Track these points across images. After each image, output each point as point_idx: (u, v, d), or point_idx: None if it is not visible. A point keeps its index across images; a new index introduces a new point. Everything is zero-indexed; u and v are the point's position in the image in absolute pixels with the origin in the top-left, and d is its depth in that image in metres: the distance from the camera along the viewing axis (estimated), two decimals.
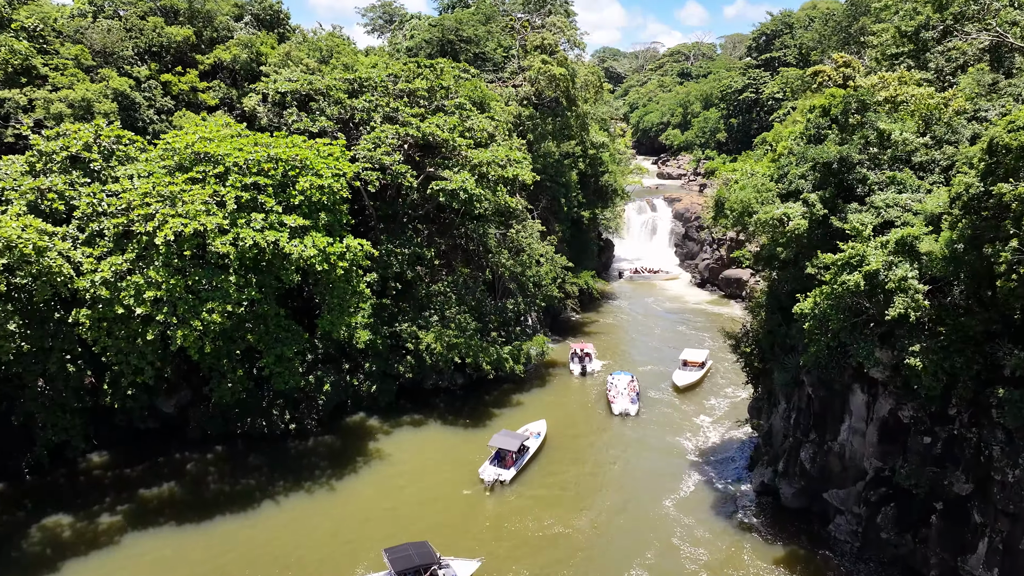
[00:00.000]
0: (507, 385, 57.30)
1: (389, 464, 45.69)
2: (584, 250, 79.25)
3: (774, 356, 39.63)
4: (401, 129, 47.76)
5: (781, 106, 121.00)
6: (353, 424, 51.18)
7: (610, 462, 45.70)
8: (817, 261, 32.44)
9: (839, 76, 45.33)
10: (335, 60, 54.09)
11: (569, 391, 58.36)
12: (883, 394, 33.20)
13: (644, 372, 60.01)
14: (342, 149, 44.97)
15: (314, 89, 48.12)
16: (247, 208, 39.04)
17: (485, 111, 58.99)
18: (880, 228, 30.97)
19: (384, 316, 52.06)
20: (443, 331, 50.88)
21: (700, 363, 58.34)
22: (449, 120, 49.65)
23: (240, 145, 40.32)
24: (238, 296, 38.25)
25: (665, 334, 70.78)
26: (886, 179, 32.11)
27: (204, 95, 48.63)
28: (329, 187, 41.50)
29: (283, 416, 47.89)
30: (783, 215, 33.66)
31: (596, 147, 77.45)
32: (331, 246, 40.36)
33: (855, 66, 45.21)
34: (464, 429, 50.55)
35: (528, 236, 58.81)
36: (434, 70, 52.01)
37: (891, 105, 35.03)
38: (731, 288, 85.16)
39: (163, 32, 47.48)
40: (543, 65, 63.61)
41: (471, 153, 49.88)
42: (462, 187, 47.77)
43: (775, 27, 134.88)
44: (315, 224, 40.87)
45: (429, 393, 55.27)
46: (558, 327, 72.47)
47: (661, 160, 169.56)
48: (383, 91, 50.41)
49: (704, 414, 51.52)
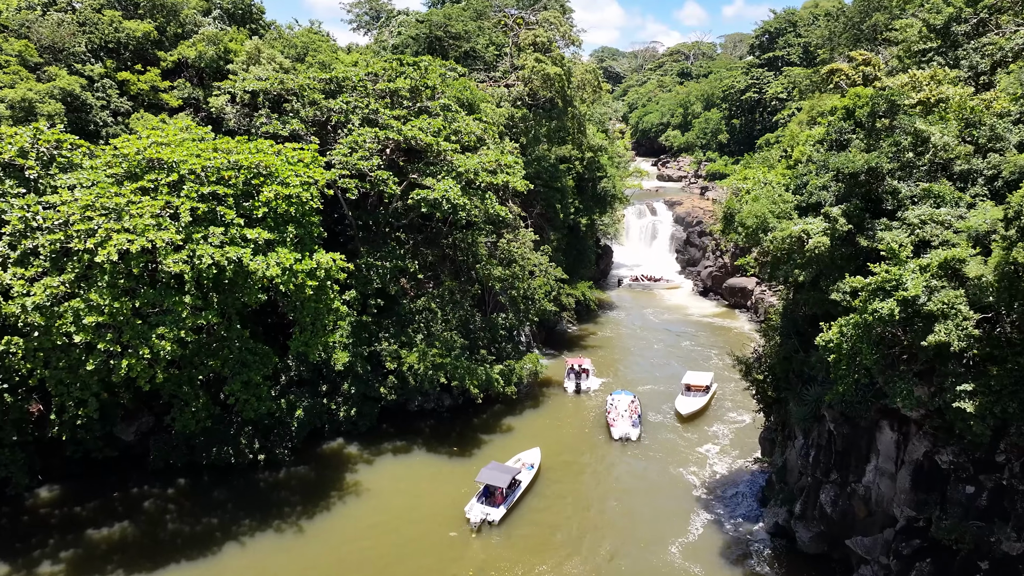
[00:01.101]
0: (498, 406, 53.43)
1: (367, 499, 41.77)
2: (581, 258, 75.41)
3: (790, 385, 35.76)
4: (381, 132, 43.85)
5: (785, 106, 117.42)
6: (330, 452, 47.25)
7: (609, 498, 41.77)
8: (842, 285, 28.59)
9: (858, 75, 41.44)
10: (311, 58, 50.17)
11: (565, 412, 54.45)
12: (916, 434, 29.33)
13: (645, 392, 56.12)
14: (314, 154, 41.01)
15: (285, 89, 44.19)
16: (205, 221, 35.07)
17: (474, 112, 55.13)
18: (916, 248, 27.09)
19: (364, 335, 48.13)
20: (427, 350, 46.97)
21: (704, 387, 54.15)
22: (433, 123, 45.73)
23: (197, 150, 36.37)
24: (194, 320, 34.29)
25: (667, 350, 66.80)
26: (921, 192, 28.20)
27: (166, 95, 44.65)
28: (297, 197, 37.56)
29: (252, 445, 43.96)
30: (802, 232, 29.74)
31: (594, 150, 73.58)
32: (299, 263, 36.40)
33: (875, 64, 41.36)
34: (450, 458, 46.62)
35: (520, 246, 54.92)
36: (418, 68, 48.09)
37: (924, 107, 31.13)
38: (736, 298, 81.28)
39: (120, 27, 43.48)
40: (537, 64, 59.74)
41: (457, 159, 45.98)
42: (445, 196, 43.83)
43: (779, 25, 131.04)
44: (282, 238, 36.93)
45: (414, 416, 51.38)
46: (554, 340, 68.59)
47: (661, 162, 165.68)
48: (362, 91, 46.49)
49: (709, 443, 47.56)
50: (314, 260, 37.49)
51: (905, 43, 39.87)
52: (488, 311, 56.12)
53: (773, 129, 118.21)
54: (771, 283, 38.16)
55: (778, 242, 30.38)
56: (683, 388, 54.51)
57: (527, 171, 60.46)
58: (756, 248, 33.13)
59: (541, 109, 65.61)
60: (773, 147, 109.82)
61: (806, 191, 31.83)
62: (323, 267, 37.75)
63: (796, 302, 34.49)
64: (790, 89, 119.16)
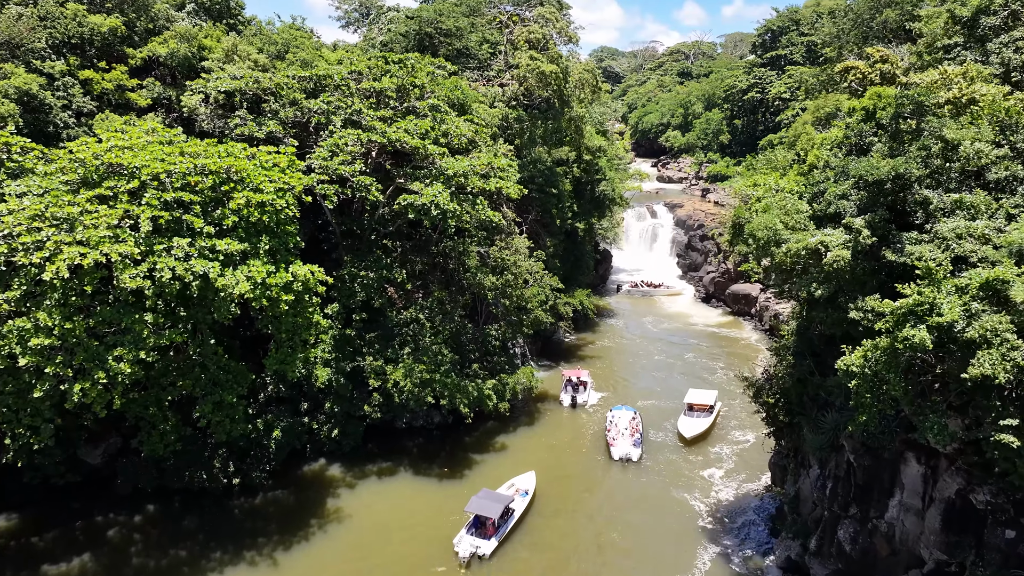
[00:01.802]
0: (491, 423, 50.63)
1: (349, 528, 38.97)
2: (579, 264, 72.54)
3: (804, 410, 32.96)
4: (364, 135, 41.02)
5: (789, 107, 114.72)
6: (311, 474, 44.44)
7: (610, 528, 38.89)
8: (864, 303, 25.81)
9: (874, 73, 38.64)
10: (292, 55, 47.32)
11: (562, 429, 51.65)
12: (948, 470, 26.55)
13: (645, 408, 53.32)
14: (291, 158, 38.19)
15: (262, 88, 41.35)
16: (169, 231, 32.27)
17: (466, 113, 52.32)
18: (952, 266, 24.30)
19: (348, 349, 45.29)
20: (414, 366, 44.12)
21: (708, 407, 50.86)
22: (421, 124, 42.91)
23: (161, 154, 33.55)
24: (156, 339, 31.48)
25: (669, 361, 63.83)
26: (953, 202, 25.39)
27: (134, 95, 41.77)
28: (272, 204, 34.77)
29: (227, 468, 41.14)
30: (820, 244, 26.93)
31: (592, 152, 70.77)
32: (273, 276, 33.59)
33: (893, 61, 38.57)
34: (440, 481, 43.81)
35: (514, 253, 52.10)
36: (405, 66, 45.25)
37: (954, 107, 28.34)
38: (739, 305, 78.44)
39: (85, 21, 40.60)
40: (531, 62, 56.93)
41: (446, 162, 43.17)
42: (433, 202, 41.01)
43: (781, 23, 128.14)
44: (254, 249, 34.11)
45: (401, 434, 48.56)
46: (550, 351, 65.79)
47: (661, 163, 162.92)
48: (345, 91, 43.67)
49: (713, 466, 44.65)
50: (289, 273, 34.70)
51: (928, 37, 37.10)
52: (480, 322, 53.33)
53: (776, 130, 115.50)
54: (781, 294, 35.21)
55: (792, 255, 27.55)
56: (685, 408, 51.32)
57: (522, 174, 57.63)
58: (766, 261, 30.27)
59: (537, 110, 62.84)
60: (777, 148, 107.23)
61: (823, 200, 29.02)
62: (300, 280, 34.98)
63: (810, 320, 31.66)
64: (794, 89, 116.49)
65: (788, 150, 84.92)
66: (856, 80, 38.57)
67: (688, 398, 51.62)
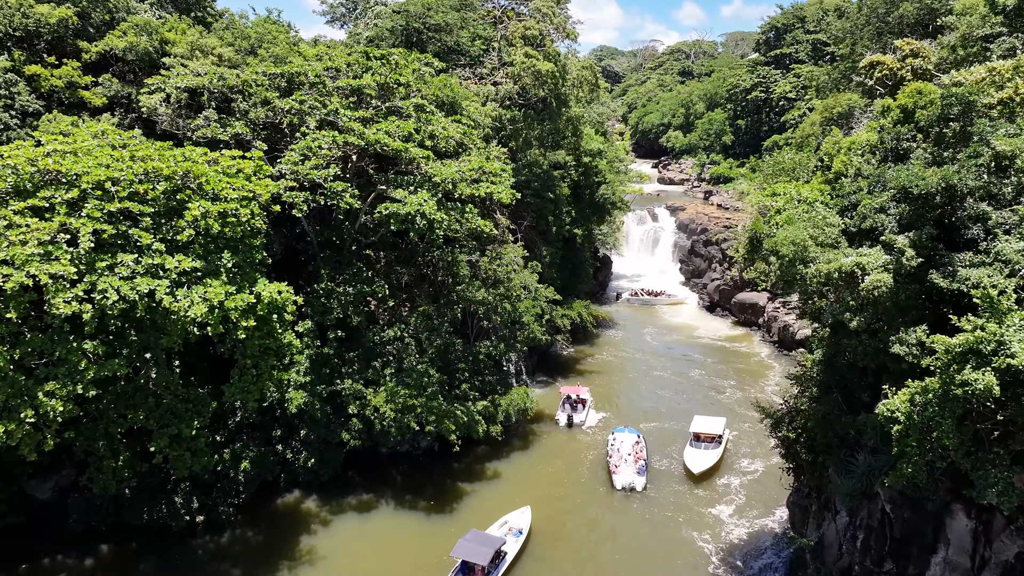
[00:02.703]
0: (482, 448, 46.95)
1: (322, 573, 35.26)
2: (577, 272, 68.86)
3: (830, 449, 29.22)
4: (339, 136, 37.30)
5: (795, 106, 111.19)
6: (284, 508, 40.73)
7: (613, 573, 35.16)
8: (909, 337, 22.14)
9: (905, 69, 34.94)
10: (264, 51, 43.60)
11: (559, 453, 47.93)
12: (1006, 530, 22.84)
13: (649, 430, 49.60)
14: (258, 163, 34.49)
15: (227, 86, 37.62)
16: (113, 247, 28.57)
17: (456, 113, 48.59)
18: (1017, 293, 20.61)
19: (325, 370, 41.54)
20: (397, 389, 40.37)
21: (716, 436, 46.39)
22: (404, 125, 39.18)
23: (108, 159, 29.83)
24: (97, 370, 27.78)
25: (673, 379, 59.87)
26: (1019, 218, 21.69)
27: (88, 93, 38.05)
28: (234, 215, 31.04)
29: (190, 504, 37.46)
30: (856, 266, 23.22)
31: (591, 155, 67.08)
32: (233, 297, 29.89)
33: (926, 55, 34.89)
34: (426, 516, 40.12)
35: (506, 265, 48.37)
36: (387, 63, 41.52)
37: (1006, 109, 24.66)
38: (746, 314, 74.71)
39: (30, 12, 36.86)
40: (526, 59, 53.24)
41: (432, 167, 39.47)
42: (419, 211, 37.30)
43: (786, 21, 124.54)
44: (213, 266, 30.39)
45: (385, 460, 44.85)
46: (547, 365, 62.08)
47: (662, 164, 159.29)
48: (321, 89, 39.95)
49: (722, 501, 40.79)
50: (252, 294, 30.98)
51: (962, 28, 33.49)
52: (471, 338, 49.64)
53: (781, 130, 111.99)
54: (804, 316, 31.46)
55: (823, 277, 23.84)
56: (691, 437, 46.74)
57: (516, 179, 53.92)
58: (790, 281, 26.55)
59: (532, 110, 59.14)
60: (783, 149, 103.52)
61: (857, 213, 25.29)
62: (265, 301, 31.25)
63: (838, 348, 27.92)
64: (800, 88, 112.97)
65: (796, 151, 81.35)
66: (883, 76, 34.87)
67: (694, 426, 46.98)
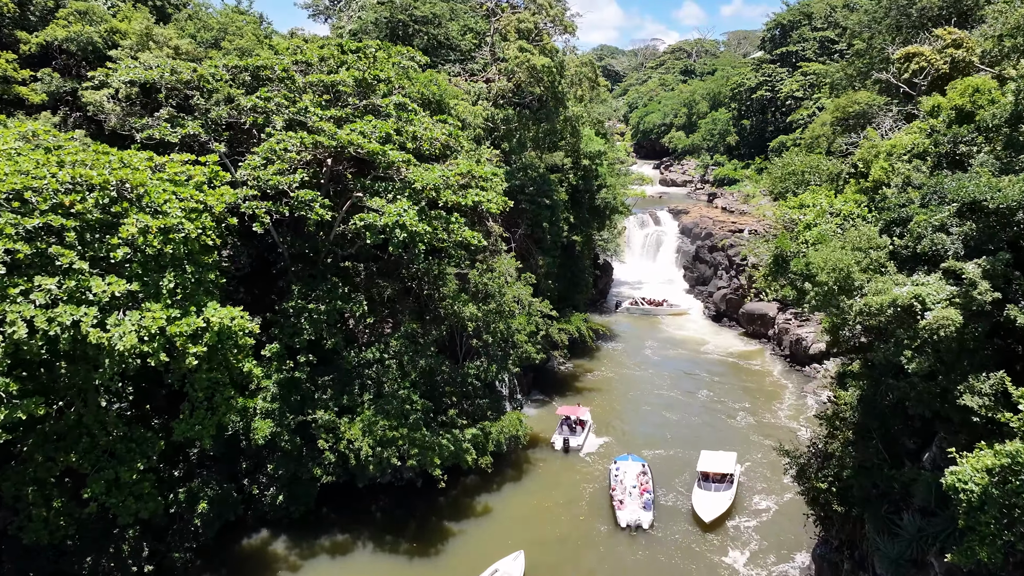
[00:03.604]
0: (471, 479, 42.92)
1: None
2: (576, 282, 64.75)
3: (868, 504, 25.08)
4: (308, 137, 33.17)
5: (803, 105, 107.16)
6: (251, 550, 36.68)
7: None
8: (982, 386, 18.03)
9: (943, 60, 30.82)
10: (228, 43, 39.50)
11: (556, 484, 43.82)
12: None
13: (653, 458, 45.50)
14: (214, 168, 30.35)
15: (181, 80, 33.50)
16: (31, 268, 24.44)
17: (444, 112, 44.51)
18: None
19: (295, 397, 37.41)
20: (375, 418, 36.30)
21: (727, 476, 41.12)
22: (381, 125, 35.04)
23: (30, 165, 25.68)
24: (10, 413, 23.64)
25: (680, 399, 55.49)
26: None
27: (25, 89, 33.95)
28: (179, 230, 26.90)
29: (139, 551, 33.32)
30: (913, 299, 19.08)
31: (591, 157, 62.96)
32: (175, 323, 25.78)
33: (969, 46, 30.79)
34: (408, 561, 36.07)
35: (497, 279, 44.26)
36: (364, 56, 37.39)
37: None
38: (754, 325, 70.57)
39: None
40: (521, 54, 49.10)
41: (413, 172, 35.37)
42: (398, 222, 33.18)
43: (792, 17, 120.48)
44: (153, 289, 26.26)
45: (363, 494, 40.57)
46: (543, 382, 57.96)
47: (664, 165, 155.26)
48: (289, 85, 35.82)
49: (735, 547, 36.44)
50: (201, 318, 26.85)
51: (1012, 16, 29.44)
52: (460, 358, 45.54)
53: (788, 131, 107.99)
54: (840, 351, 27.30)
55: (872, 312, 19.70)
56: (698, 476, 41.45)
57: (510, 183, 49.93)
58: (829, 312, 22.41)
59: (528, 109, 55.03)
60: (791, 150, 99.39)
61: (909, 232, 21.15)
62: (215, 327, 27.12)
63: (880, 387, 23.77)
64: (808, 87, 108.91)
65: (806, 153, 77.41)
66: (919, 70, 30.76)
67: (702, 464, 41.71)
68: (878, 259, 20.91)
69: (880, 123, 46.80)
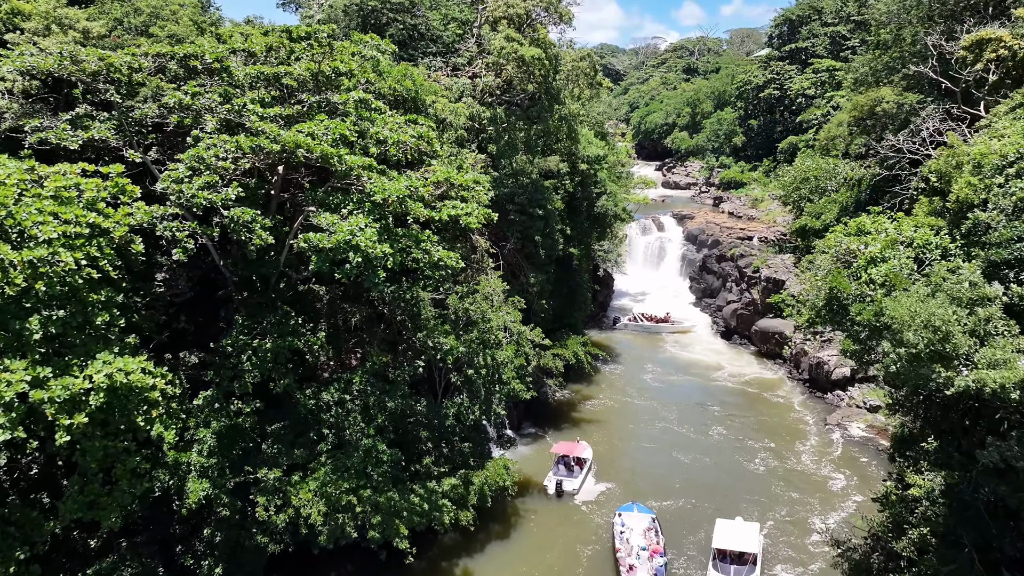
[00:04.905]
0: (449, 537, 36.94)
1: None
2: (573, 298, 58.65)
3: None
4: (247, 140, 27.11)
5: (814, 104, 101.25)
6: None
7: None
8: None
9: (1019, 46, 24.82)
10: (159, 29, 33.57)
11: (550, 542, 37.86)
12: None
13: (661, 510, 39.44)
14: (119, 181, 24.36)
15: (85, 72, 27.51)
16: None
17: (419, 111, 38.55)
18: None
19: (236, 451, 31.36)
20: (330, 477, 30.32)
21: (749, 556, 33.98)
22: (335, 126, 28.98)
23: None
24: None
25: (688, 439, 48.65)
26: None
27: None
28: (55, 261, 20.88)
29: None
30: None
31: (589, 161, 56.94)
32: (49, 385, 19.80)
33: None
34: None
35: (482, 303, 38.29)
36: (318, 43, 31.35)
37: None
38: (768, 344, 64.46)
39: None
40: (508, 44, 43.07)
41: (374, 181, 29.36)
42: (350, 242, 27.15)
43: (801, 12, 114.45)
44: (14, 341, 20.27)
45: (321, 560, 34.57)
46: (535, 413, 51.88)
47: (666, 167, 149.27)
48: (226, 78, 29.78)
49: None
50: (84, 375, 20.86)
51: None
52: (438, 395, 39.56)
53: (798, 131, 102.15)
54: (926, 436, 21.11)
55: (991, 393, 13.65)
56: (714, 555, 34.31)
57: (498, 191, 44.10)
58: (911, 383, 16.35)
59: (519, 107, 49.03)
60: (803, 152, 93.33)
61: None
62: (103, 385, 21.10)
63: (976, 476, 17.70)
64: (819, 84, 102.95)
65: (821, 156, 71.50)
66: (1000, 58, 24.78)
67: (718, 540, 34.32)
68: (989, 316, 14.92)
69: (922, 124, 40.83)
